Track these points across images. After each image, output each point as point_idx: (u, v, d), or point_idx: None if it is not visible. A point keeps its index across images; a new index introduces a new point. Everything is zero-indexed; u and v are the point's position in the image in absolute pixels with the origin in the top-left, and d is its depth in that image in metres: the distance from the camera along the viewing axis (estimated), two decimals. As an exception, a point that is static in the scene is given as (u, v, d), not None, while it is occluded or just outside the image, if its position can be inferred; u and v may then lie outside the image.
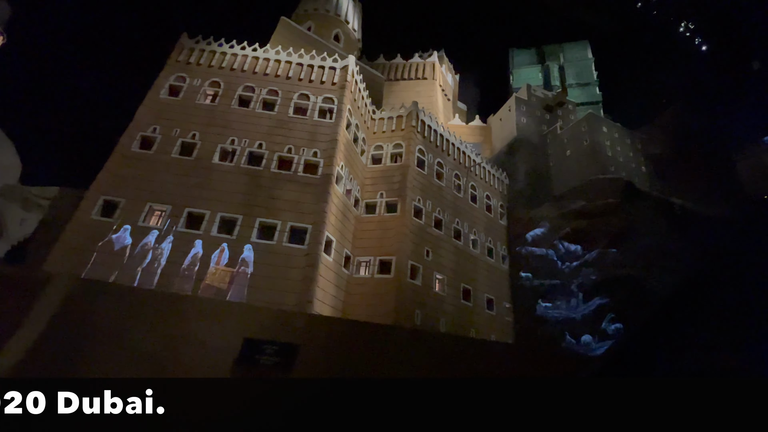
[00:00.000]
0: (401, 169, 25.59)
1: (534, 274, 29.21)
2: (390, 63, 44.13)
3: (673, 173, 36.53)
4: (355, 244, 23.34)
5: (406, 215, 23.88)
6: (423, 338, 15.77)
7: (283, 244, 19.01)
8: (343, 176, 22.45)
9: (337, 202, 21.41)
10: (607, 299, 24.84)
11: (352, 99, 24.84)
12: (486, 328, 26.30)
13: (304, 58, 24.85)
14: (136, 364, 10.40)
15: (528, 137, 36.76)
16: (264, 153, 21.31)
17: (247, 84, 23.59)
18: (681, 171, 37.10)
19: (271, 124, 22.35)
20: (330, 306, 19.86)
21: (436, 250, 25.16)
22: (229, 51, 24.70)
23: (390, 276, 21.93)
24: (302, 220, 19.58)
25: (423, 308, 22.50)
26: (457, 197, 28.88)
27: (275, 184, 20.48)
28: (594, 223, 27.38)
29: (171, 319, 12.52)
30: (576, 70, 53.13)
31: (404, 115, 27.89)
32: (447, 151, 29.74)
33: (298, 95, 23.48)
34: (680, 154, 40.54)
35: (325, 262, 19.54)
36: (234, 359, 11.28)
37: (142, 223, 18.89)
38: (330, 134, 22.09)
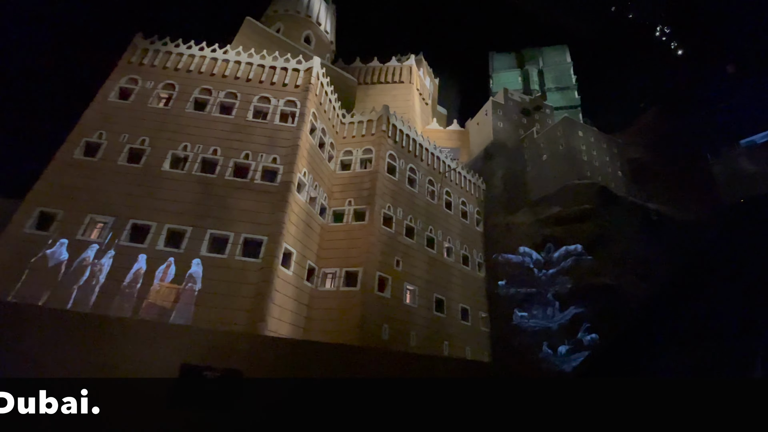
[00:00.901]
0: (371, 176, 24.49)
1: (510, 283, 28.36)
2: (366, 66, 43.17)
3: (650, 177, 36.27)
4: (320, 255, 22.11)
5: (375, 224, 22.76)
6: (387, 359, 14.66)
7: (236, 258, 17.67)
8: (306, 183, 21.24)
9: (298, 211, 20.18)
10: (583, 308, 24.08)
11: (318, 102, 23.70)
12: (460, 339, 25.26)
13: (267, 60, 23.64)
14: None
15: (505, 142, 36.11)
16: (219, 159, 19.98)
17: (204, 86, 22.25)
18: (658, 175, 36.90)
19: (228, 128, 21.04)
20: (289, 323, 18.56)
21: (408, 260, 24.08)
22: (186, 52, 23.34)
23: (356, 289, 20.74)
24: (257, 231, 18.27)
25: (391, 322, 21.34)
26: (430, 204, 27.89)
27: (229, 193, 19.15)
28: (570, 230, 26.69)
29: (102, 347, 11.21)
30: (555, 74, 53.04)
31: (375, 120, 26.85)
32: (420, 157, 28.78)
33: (258, 98, 22.23)
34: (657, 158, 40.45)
35: (282, 276, 18.26)
36: (169, 387, 10.05)
37: (81, 236, 17.36)
38: (291, 139, 20.88)
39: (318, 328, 20.11)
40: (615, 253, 25.64)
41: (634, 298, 24.33)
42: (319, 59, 23.84)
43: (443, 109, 53.32)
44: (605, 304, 23.33)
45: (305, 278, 20.45)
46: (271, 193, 19.30)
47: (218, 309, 16.35)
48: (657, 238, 27.42)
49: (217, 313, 16.21)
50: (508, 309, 27.71)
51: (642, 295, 24.79)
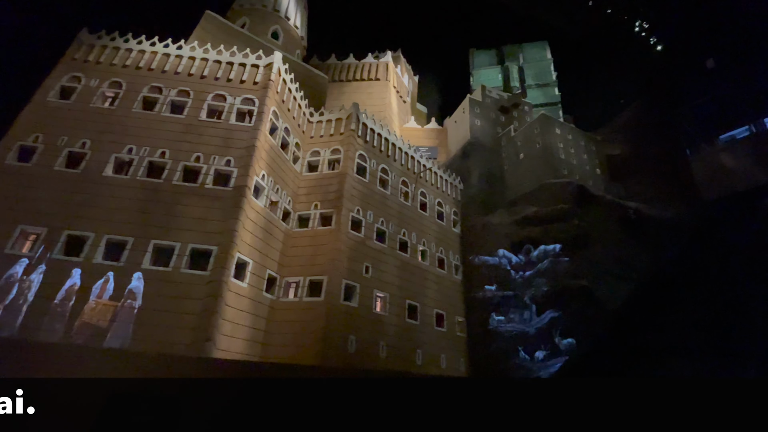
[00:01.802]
0: (338, 178, 23.22)
1: (487, 285, 27.41)
2: (342, 63, 41.85)
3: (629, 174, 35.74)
4: (283, 263, 20.79)
5: (342, 228, 21.52)
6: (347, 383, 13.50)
7: (182, 271, 16.25)
8: (265, 187, 19.89)
9: (255, 217, 18.82)
10: (560, 312, 23.22)
11: (280, 100, 22.32)
12: (435, 347, 24.22)
13: (223, 55, 22.17)
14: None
15: (482, 140, 35.18)
16: (167, 163, 18.50)
17: (155, 84, 20.71)
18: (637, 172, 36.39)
19: (179, 129, 19.56)
20: (244, 339, 17.22)
21: (378, 266, 22.91)
22: (136, 47, 21.73)
23: (320, 299, 19.49)
24: (206, 241, 16.88)
25: (359, 332, 20.15)
26: (403, 206, 26.75)
27: (177, 199, 17.70)
28: (546, 230, 25.83)
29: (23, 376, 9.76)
30: (535, 71, 52.37)
31: (344, 118, 25.57)
32: (393, 157, 27.59)
33: (212, 96, 20.77)
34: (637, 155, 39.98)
35: (235, 289, 16.91)
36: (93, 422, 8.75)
37: (10, 249, 15.77)
38: (247, 140, 19.48)
39: (279, 343, 18.84)
40: (593, 253, 24.86)
41: (612, 300, 23.58)
42: (280, 54, 22.45)
43: (423, 108, 52.31)
44: (582, 307, 22.52)
45: (264, 290, 19.13)
46: (223, 199, 17.90)
47: (160, 328, 14.95)
48: (636, 237, 26.75)
49: (159, 333, 14.81)
50: (485, 313, 26.77)
51: (620, 297, 24.06)
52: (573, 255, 24.53)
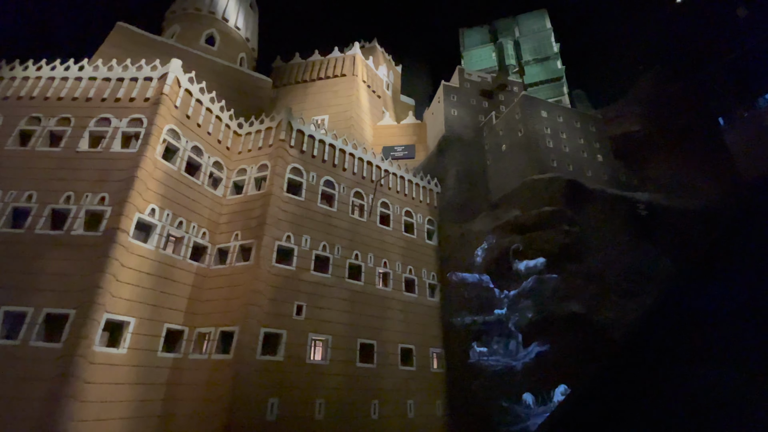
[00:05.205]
0: (262, 200, 19.50)
1: (466, 309, 22.80)
2: (306, 62, 38.01)
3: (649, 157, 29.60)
4: (195, 311, 17.37)
5: (263, 263, 17.79)
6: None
7: (31, 344, 13.13)
8: (157, 223, 16.48)
9: (138, 264, 15.43)
10: (547, 345, 18.31)
11: (182, 115, 18.84)
12: (398, 393, 20.05)
13: (114, 71, 18.97)
14: None
15: (460, 133, 30.17)
16: (32, 208, 15.49)
17: (34, 114, 17.84)
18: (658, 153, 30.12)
19: (52, 165, 16.53)
20: (126, 418, 13.88)
21: (317, 302, 19.02)
22: (20, 74, 19.03)
23: (228, 356, 15.88)
24: (63, 303, 13.67)
25: (285, 393, 16.38)
26: (356, 223, 22.63)
27: (40, 252, 14.63)
28: (530, 240, 20.80)
29: None
30: (533, 45, 46.06)
31: (273, 127, 21.79)
32: (342, 165, 23.50)
33: (95, 121, 17.62)
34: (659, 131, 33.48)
35: (102, 360, 13.59)
36: None
37: None
38: (127, 169, 16.12)
39: (184, 413, 15.44)
40: (590, 267, 19.63)
41: (617, 326, 18.37)
42: (178, 62, 18.91)
43: (410, 100, 47.48)
44: (574, 340, 17.50)
45: (161, 349, 15.74)
46: (92, 247, 14.63)
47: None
48: (650, 238, 21.16)
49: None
50: (464, 343, 22.22)
51: (630, 320, 18.77)
52: (562, 270, 19.42)
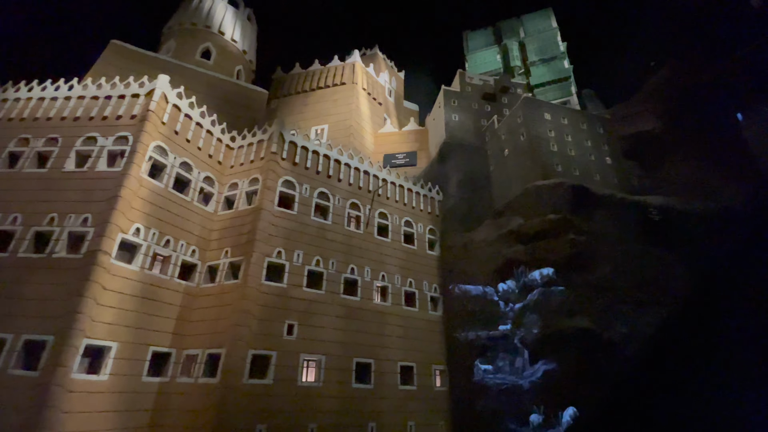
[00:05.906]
0: (252, 215, 18.98)
1: (470, 323, 21.71)
2: (306, 72, 37.76)
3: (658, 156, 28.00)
4: (183, 332, 16.87)
5: (251, 280, 17.19)
6: None
7: (8, 372, 12.77)
8: (142, 243, 16.09)
9: (121, 286, 15.01)
10: (554, 363, 17.08)
11: (170, 131, 18.54)
12: (398, 414, 19.07)
13: (102, 89, 18.85)
14: None
15: (461, 138, 29.19)
16: (16, 231, 15.30)
17: (23, 136, 17.81)
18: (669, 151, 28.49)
19: (38, 186, 16.37)
20: (103, 449, 13.38)
21: (309, 320, 18.29)
22: (11, 96, 19.12)
23: (214, 380, 15.25)
24: (43, 329, 13.30)
25: (275, 418, 15.64)
26: (352, 235, 21.89)
27: (22, 276, 14.37)
28: (534, 250, 19.64)
29: None
30: (539, 45, 44.82)
31: (265, 139, 21.34)
32: (337, 176, 22.86)
33: (82, 140, 17.44)
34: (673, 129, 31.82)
35: (83, 387, 13.13)
36: None
37: None
38: (112, 189, 15.80)
39: (169, 439, 14.86)
40: (599, 277, 18.35)
41: (631, 341, 17.04)
42: (165, 77, 18.66)
43: (414, 105, 46.79)
44: (583, 358, 16.24)
45: (146, 373, 15.23)
46: (72, 270, 14.28)
47: (-37, 459, 11.48)
48: (661, 245, 19.74)
49: (-39, 466, 11.35)
50: (468, 360, 21.11)
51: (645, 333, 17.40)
52: (569, 282, 18.19)
